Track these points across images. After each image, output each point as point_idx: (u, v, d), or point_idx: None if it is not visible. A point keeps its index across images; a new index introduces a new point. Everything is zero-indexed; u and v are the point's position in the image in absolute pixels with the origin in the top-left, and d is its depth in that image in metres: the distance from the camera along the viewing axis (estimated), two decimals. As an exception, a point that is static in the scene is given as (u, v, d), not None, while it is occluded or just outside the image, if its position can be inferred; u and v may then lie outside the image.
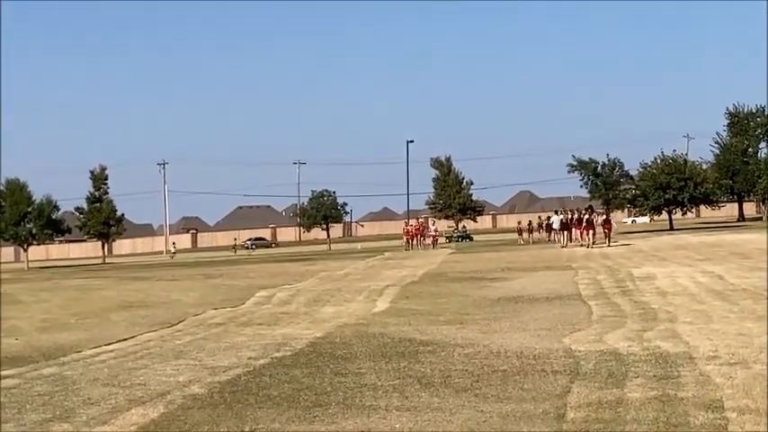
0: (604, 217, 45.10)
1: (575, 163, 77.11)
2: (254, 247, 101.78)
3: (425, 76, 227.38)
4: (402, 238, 62.37)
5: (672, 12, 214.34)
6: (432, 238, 61.52)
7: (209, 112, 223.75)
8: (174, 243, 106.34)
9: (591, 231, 42.16)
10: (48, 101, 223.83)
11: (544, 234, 56.80)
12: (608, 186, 75.26)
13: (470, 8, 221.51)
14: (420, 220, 65.09)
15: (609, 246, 40.82)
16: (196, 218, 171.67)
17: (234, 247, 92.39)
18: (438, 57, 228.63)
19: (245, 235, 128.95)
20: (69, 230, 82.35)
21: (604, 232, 43.55)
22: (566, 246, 43.35)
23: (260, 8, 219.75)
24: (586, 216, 43.38)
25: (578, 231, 44.34)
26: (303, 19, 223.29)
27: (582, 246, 41.69)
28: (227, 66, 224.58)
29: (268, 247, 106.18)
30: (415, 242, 59.14)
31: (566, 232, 45.60)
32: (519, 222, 67.70)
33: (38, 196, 78.75)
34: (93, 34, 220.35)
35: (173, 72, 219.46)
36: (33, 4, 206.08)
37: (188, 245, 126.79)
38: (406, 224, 65.48)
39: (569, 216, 46.71)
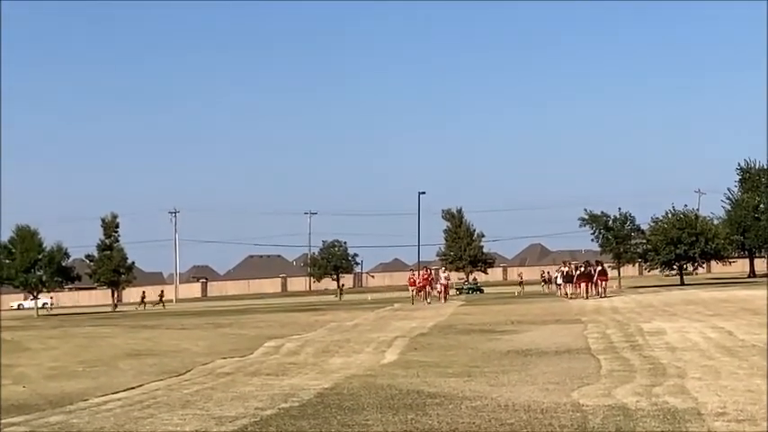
0: (600, 269, 46.42)
1: (586, 216, 77.17)
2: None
3: (437, 128, 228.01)
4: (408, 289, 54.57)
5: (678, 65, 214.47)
6: (443, 288, 52.93)
7: (221, 161, 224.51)
8: (343, 285, 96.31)
9: (588, 283, 44.52)
10: (59, 148, 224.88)
11: (554, 287, 57.45)
12: (619, 240, 75.14)
13: (480, 60, 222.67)
14: (430, 270, 59.99)
15: (602, 297, 42.35)
16: (206, 266, 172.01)
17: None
18: (450, 109, 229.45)
19: (254, 285, 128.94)
20: (79, 278, 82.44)
21: (600, 284, 45.29)
22: (568, 298, 44.35)
23: (270, 55, 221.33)
24: (582, 268, 45.74)
25: (578, 284, 46.54)
26: (311, 67, 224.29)
27: (579, 298, 43.24)
28: (238, 116, 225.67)
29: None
30: (422, 294, 51.20)
31: (569, 285, 47.26)
32: (519, 274, 72.27)
33: (48, 243, 79.09)
34: (104, 83, 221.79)
35: (184, 122, 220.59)
36: (42, 59, 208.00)
37: (198, 294, 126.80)
38: (413, 274, 58.33)
39: (572, 269, 48.70)
